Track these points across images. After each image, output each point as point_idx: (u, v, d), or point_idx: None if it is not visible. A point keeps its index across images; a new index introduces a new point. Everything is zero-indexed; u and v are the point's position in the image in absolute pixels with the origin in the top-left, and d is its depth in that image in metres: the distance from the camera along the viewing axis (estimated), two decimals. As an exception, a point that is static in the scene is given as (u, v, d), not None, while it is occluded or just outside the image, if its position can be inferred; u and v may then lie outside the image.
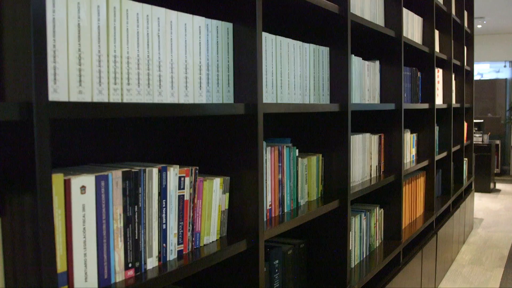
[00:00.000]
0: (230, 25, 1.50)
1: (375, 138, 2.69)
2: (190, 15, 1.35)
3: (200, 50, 1.38)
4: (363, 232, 2.49)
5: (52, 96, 0.99)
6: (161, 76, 1.25)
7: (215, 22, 1.44)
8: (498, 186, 8.46)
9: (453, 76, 4.46)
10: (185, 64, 1.33)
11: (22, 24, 0.91)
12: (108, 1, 1.12)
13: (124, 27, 1.16)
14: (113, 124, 1.51)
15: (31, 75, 0.90)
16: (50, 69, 0.98)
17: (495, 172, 8.48)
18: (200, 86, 1.39)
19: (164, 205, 1.29)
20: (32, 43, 0.90)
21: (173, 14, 1.29)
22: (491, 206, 6.84)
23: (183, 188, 1.35)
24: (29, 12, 0.89)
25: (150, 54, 1.22)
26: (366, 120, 2.85)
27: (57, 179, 1.01)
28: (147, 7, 1.21)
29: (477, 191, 7.47)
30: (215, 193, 1.47)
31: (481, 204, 6.87)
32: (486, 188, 7.78)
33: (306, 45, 1.91)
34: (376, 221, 2.70)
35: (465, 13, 5.14)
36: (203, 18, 1.39)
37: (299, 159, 1.94)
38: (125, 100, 1.15)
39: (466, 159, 5.21)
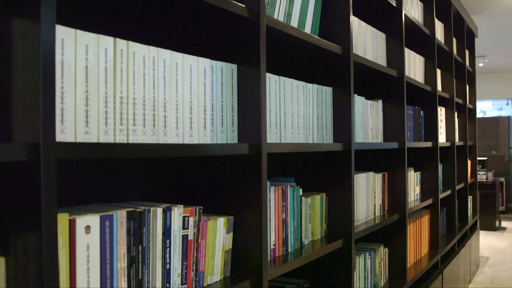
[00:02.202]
0: (234, 67, 1.53)
1: (378, 176, 2.69)
2: (195, 57, 1.37)
3: (205, 91, 1.40)
4: (367, 272, 2.47)
5: (59, 137, 1.00)
6: (166, 117, 1.27)
7: (219, 64, 1.47)
8: (504, 224, 8.38)
9: (456, 114, 4.48)
10: (190, 104, 1.35)
11: (32, 66, 0.93)
12: (115, 43, 1.14)
13: (131, 68, 1.18)
14: (118, 163, 1.52)
15: (39, 116, 0.91)
16: (57, 110, 1.00)
17: (500, 209, 8.42)
18: (205, 126, 1.40)
19: (168, 245, 1.28)
20: (41, 84, 0.92)
21: (178, 56, 1.32)
22: (497, 244, 6.77)
23: (187, 228, 1.35)
24: (38, 54, 0.92)
25: (155, 95, 1.24)
26: (370, 159, 2.85)
27: (62, 219, 1.02)
28: (153, 49, 1.24)
29: (482, 229, 7.38)
30: (219, 233, 1.47)
31: (486, 242, 6.80)
32: (491, 226, 7.70)
33: (309, 85, 1.94)
34: (381, 260, 2.68)
35: (467, 52, 5.20)
36: (208, 60, 1.41)
37: (303, 198, 1.94)
38: (130, 141, 1.17)
39: (471, 197, 5.18)
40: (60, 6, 0.96)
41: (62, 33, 1.02)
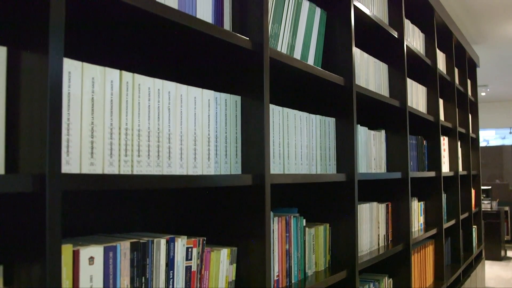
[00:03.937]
0: (238, 98, 1.54)
1: (382, 207, 2.68)
2: (200, 89, 1.39)
3: (209, 122, 1.42)
4: (372, 303, 2.44)
5: (65, 168, 1.01)
6: (171, 148, 1.28)
7: (223, 95, 1.48)
8: (509, 253, 8.30)
9: (459, 143, 4.48)
10: (194, 136, 1.36)
11: (39, 98, 0.94)
12: (121, 76, 1.16)
13: (136, 100, 1.19)
14: (122, 194, 1.53)
15: (45, 148, 0.92)
16: (63, 142, 1.01)
17: (505, 239, 8.35)
18: (209, 157, 1.41)
19: (171, 276, 1.28)
20: (48, 116, 0.93)
21: (183, 88, 1.33)
22: (502, 274, 6.69)
23: (191, 259, 1.34)
24: (46, 86, 0.93)
25: (160, 126, 1.25)
26: (373, 189, 2.84)
27: (66, 250, 1.02)
28: (158, 81, 1.26)
29: (487, 259, 7.32)
30: (222, 264, 1.46)
31: (492, 272, 6.73)
32: (496, 256, 7.63)
33: (313, 116, 1.95)
34: (385, 292, 2.65)
35: (468, 81, 5.23)
36: (212, 92, 1.43)
37: (307, 229, 1.94)
38: (135, 172, 1.18)
39: (475, 226, 5.15)
40: (67, 38, 0.98)
41: (69, 65, 1.04)
